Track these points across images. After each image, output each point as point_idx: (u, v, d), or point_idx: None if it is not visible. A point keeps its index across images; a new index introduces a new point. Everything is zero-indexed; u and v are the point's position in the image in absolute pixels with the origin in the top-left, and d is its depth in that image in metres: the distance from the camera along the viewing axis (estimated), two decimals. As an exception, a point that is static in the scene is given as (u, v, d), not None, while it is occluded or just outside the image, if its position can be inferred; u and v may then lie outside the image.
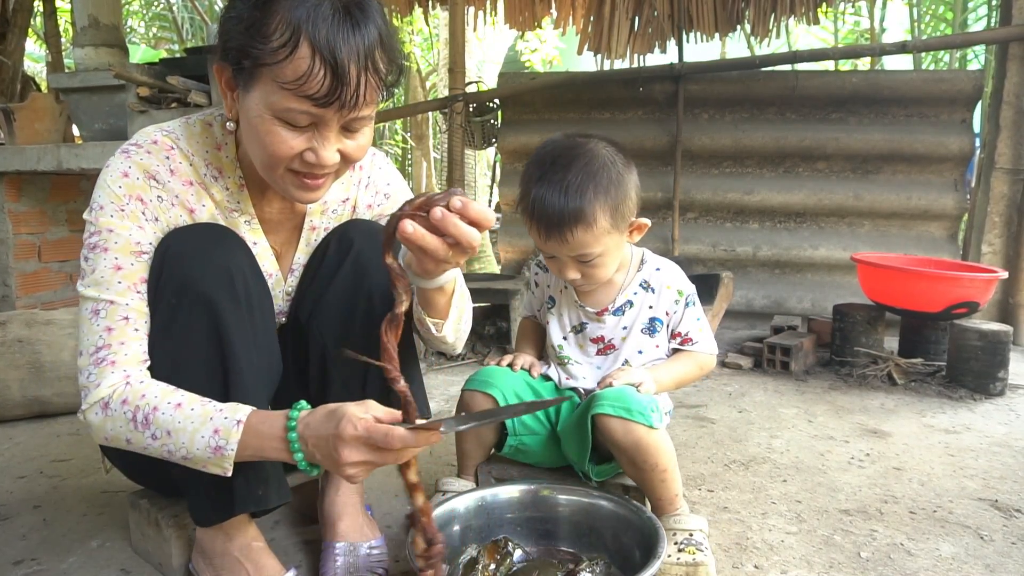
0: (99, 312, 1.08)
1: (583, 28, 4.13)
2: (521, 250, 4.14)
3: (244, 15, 1.00)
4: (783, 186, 3.77)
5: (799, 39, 8.65)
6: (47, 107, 2.97)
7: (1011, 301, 3.44)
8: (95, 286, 1.08)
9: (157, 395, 1.05)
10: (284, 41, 0.97)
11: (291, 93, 0.99)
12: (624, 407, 1.32)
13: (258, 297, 1.16)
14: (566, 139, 1.41)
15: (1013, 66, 3.42)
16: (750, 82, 3.79)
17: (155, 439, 1.04)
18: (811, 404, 2.47)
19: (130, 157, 1.12)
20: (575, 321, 1.55)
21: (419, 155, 9.63)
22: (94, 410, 1.06)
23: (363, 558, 1.32)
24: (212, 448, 1.03)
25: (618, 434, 1.32)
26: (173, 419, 1.03)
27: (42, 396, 2.23)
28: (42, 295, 3.20)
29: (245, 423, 1.03)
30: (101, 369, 1.06)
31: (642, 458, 1.33)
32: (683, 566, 1.29)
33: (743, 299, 3.77)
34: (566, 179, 1.33)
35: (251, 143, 1.08)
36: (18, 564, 1.40)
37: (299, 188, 1.10)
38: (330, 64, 0.98)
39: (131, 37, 10.16)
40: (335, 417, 0.97)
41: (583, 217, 1.33)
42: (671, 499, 1.38)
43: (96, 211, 1.10)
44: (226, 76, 1.06)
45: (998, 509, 1.65)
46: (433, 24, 8.64)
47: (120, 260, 1.08)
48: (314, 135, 1.05)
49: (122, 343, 1.07)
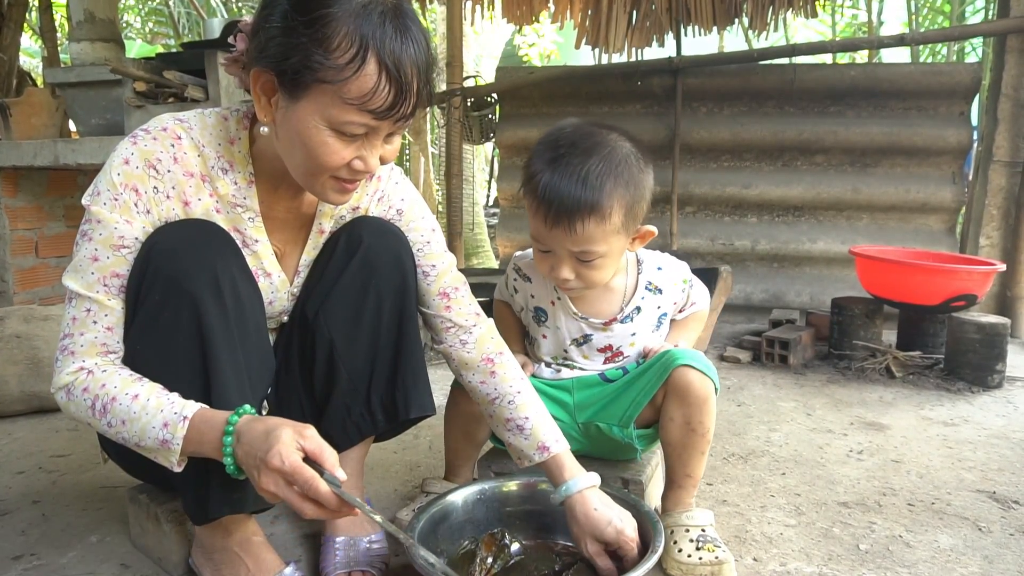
0: (71, 301, 1.10)
1: (581, 22, 4.12)
2: (520, 244, 4.14)
3: (298, 27, 0.99)
4: (781, 180, 3.77)
5: (797, 32, 8.64)
6: (43, 102, 2.96)
7: (1009, 294, 3.44)
8: (72, 273, 1.10)
9: (117, 385, 1.07)
10: (351, 57, 0.97)
11: (354, 107, 1.00)
12: (704, 364, 1.34)
13: (247, 296, 1.15)
14: (585, 125, 1.33)
15: (1011, 58, 3.42)
16: (748, 76, 3.79)
17: (111, 427, 1.07)
18: (810, 397, 2.47)
19: (136, 144, 1.11)
20: (576, 334, 1.48)
21: (417, 150, 9.61)
22: (59, 394, 1.11)
23: (363, 552, 1.32)
24: (160, 441, 1.04)
25: (695, 386, 1.32)
26: (128, 409, 1.05)
27: (40, 392, 2.23)
28: (40, 291, 3.20)
29: (190, 420, 1.03)
30: (64, 358, 1.09)
31: (700, 418, 1.33)
32: (707, 565, 1.28)
33: (741, 293, 3.78)
34: (584, 167, 1.24)
35: (294, 150, 1.07)
36: (17, 559, 1.40)
37: (338, 192, 1.12)
38: (396, 80, 0.99)
39: (127, 32, 10.12)
40: (269, 440, 0.95)
41: (598, 209, 1.24)
42: (695, 481, 1.38)
43: (92, 196, 1.10)
44: (264, 80, 1.05)
45: (996, 501, 1.66)
46: (430, 19, 8.61)
47: (99, 252, 1.09)
48: (363, 144, 1.06)
49: (82, 333, 1.09)
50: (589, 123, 1.35)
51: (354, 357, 1.26)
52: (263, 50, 1.03)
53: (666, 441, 1.39)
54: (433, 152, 9.90)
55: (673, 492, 1.40)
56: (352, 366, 1.26)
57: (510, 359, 1.37)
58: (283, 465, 0.93)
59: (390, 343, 1.27)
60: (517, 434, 1.29)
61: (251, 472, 0.98)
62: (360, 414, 1.27)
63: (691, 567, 1.29)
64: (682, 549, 1.31)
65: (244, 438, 0.99)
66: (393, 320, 1.27)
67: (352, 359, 1.26)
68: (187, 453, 1.05)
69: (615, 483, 1.45)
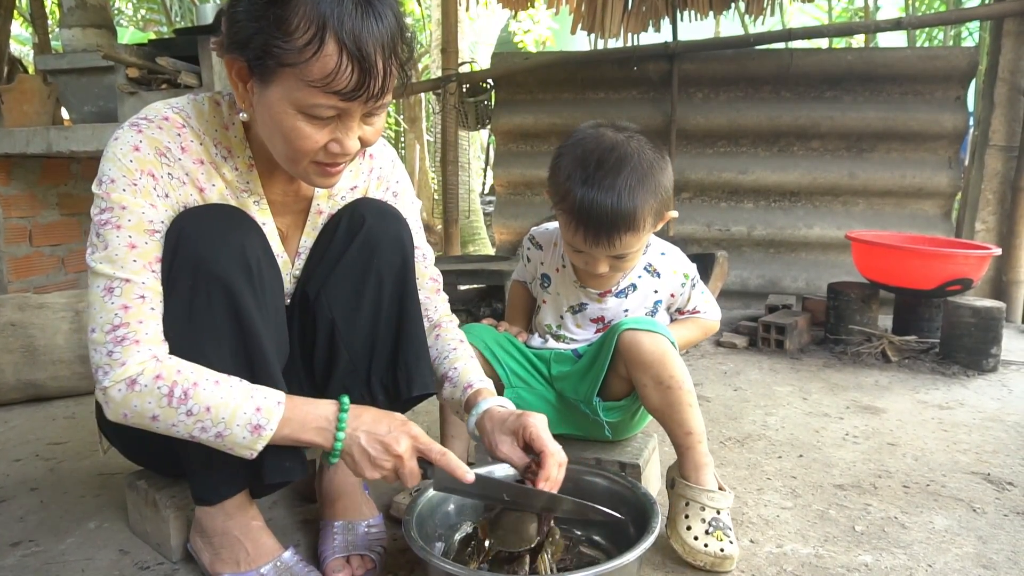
0: (113, 290, 1.05)
1: (576, 7, 4.09)
2: (516, 231, 4.13)
3: (259, 10, 0.97)
4: (778, 165, 3.77)
5: (793, 17, 8.61)
6: (35, 89, 2.93)
7: (1004, 278, 3.45)
8: (109, 263, 1.06)
9: (193, 371, 1.05)
10: (309, 39, 0.95)
11: (318, 90, 0.98)
12: (649, 323, 1.39)
13: (270, 278, 1.17)
14: (603, 136, 1.37)
15: (1008, 42, 3.41)
16: (745, 61, 3.78)
17: (190, 415, 1.03)
18: (806, 382, 2.48)
19: (141, 131, 1.10)
20: (574, 301, 1.55)
21: (412, 137, 9.57)
22: (117, 387, 1.03)
23: (361, 536, 1.32)
24: (252, 426, 1.04)
25: (645, 346, 1.34)
26: (215, 394, 1.04)
27: (36, 380, 2.23)
28: (34, 279, 3.18)
29: (286, 404, 1.06)
30: (125, 348, 1.03)
31: (668, 373, 1.34)
32: (709, 556, 1.27)
33: (738, 279, 3.78)
34: (616, 183, 1.31)
35: (272, 137, 1.07)
36: (16, 546, 1.40)
37: (321, 176, 1.12)
38: (357, 59, 0.97)
39: (119, 19, 10.03)
40: (396, 418, 1.12)
41: (635, 222, 1.32)
42: (699, 437, 1.35)
43: (107, 184, 1.07)
44: (237, 67, 1.04)
45: (990, 482, 1.67)
46: (425, 5, 8.55)
47: (134, 238, 1.06)
48: (337, 126, 1.05)
49: (140, 322, 1.05)
50: (604, 128, 1.39)
51: (355, 338, 1.26)
52: (233, 36, 1.02)
53: (651, 410, 1.40)
54: (429, 139, 9.87)
55: (684, 456, 1.37)
56: (353, 347, 1.26)
57: (455, 328, 1.41)
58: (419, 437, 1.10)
59: (391, 323, 1.27)
60: (448, 385, 1.31)
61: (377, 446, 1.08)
62: (359, 395, 1.27)
63: (694, 551, 1.28)
64: (691, 527, 1.30)
65: (361, 421, 1.10)
66: (394, 300, 1.27)
67: (353, 340, 1.26)
68: (278, 440, 1.07)
69: (612, 467, 1.46)
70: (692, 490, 1.34)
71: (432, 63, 8.53)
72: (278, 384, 1.12)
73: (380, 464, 1.08)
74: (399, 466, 1.09)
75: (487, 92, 4.40)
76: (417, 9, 9.80)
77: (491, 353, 1.55)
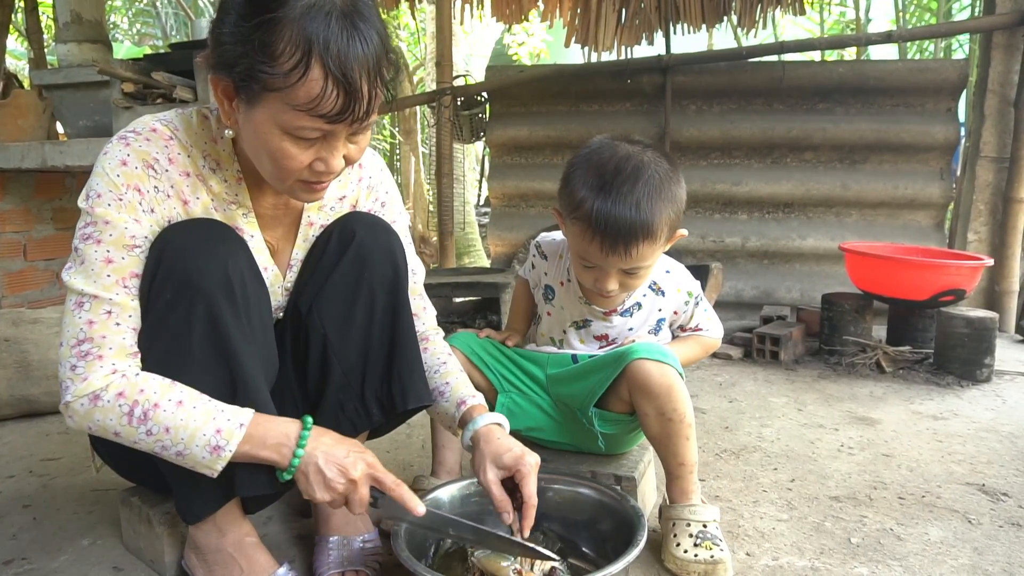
0: (83, 305, 1.06)
1: (570, 20, 4.12)
2: (511, 243, 4.14)
3: (244, 33, 0.98)
4: (771, 177, 3.79)
5: (785, 30, 8.68)
6: (30, 104, 2.93)
7: (997, 288, 3.47)
8: (82, 277, 1.06)
9: (156, 391, 1.05)
10: (294, 64, 0.96)
11: (303, 113, 0.99)
12: (660, 353, 1.37)
13: (255, 294, 1.16)
14: (618, 147, 1.36)
15: (997, 55, 3.44)
16: (737, 73, 3.80)
17: (150, 435, 1.04)
18: (801, 393, 2.49)
19: (129, 145, 1.10)
20: (578, 317, 1.54)
21: (407, 150, 9.59)
22: (80, 401, 1.04)
23: (357, 551, 1.32)
24: (211, 447, 1.04)
25: (654, 376, 1.33)
26: (175, 416, 1.04)
27: (30, 395, 2.22)
28: (28, 294, 3.17)
29: (250, 423, 1.07)
30: (89, 363, 1.04)
31: (672, 406, 1.34)
32: (701, 563, 1.28)
33: (732, 290, 3.79)
34: (635, 191, 1.30)
35: (258, 155, 1.08)
36: (8, 563, 1.39)
37: (306, 191, 1.13)
38: (342, 84, 0.98)
39: (114, 33, 10.06)
40: (355, 444, 1.13)
41: (651, 233, 1.31)
42: (691, 468, 1.37)
43: (93, 199, 1.08)
44: (223, 86, 1.05)
45: (985, 493, 1.67)
46: (419, 18, 8.59)
47: (112, 253, 1.07)
48: (322, 146, 1.06)
49: (104, 336, 1.06)
50: (617, 140, 1.39)
51: (347, 352, 1.26)
52: (219, 56, 1.03)
53: (649, 436, 1.41)
54: (424, 152, 9.89)
55: (673, 483, 1.40)
56: (346, 361, 1.26)
57: (442, 341, 1.44)
58: (374, 466, 1.12)
59: (384, 336, 1.27)
60: (440, 400, 1.32)
61: (333, 467, 1.08)
62: (354, 409, 1.27)
63: (685, 563, 1.29)
64: (680, 543, 1.32)
65: (321, 443, 1.10)
66: (387, 313, 1.27)
67: (345, 354, 1.26)
68: (237, 458, 1.07)
69: (607, 479, 1.46)
70: (676, 509, 1.37)
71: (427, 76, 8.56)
72: (258, 398, 1.11)
73: (333, 487, 1.08)
74: (351, 491, 1.10)
75: (482, 105, 4.42)
76: (412, 23, 9.84)
77: (479, 359, 1.56)
